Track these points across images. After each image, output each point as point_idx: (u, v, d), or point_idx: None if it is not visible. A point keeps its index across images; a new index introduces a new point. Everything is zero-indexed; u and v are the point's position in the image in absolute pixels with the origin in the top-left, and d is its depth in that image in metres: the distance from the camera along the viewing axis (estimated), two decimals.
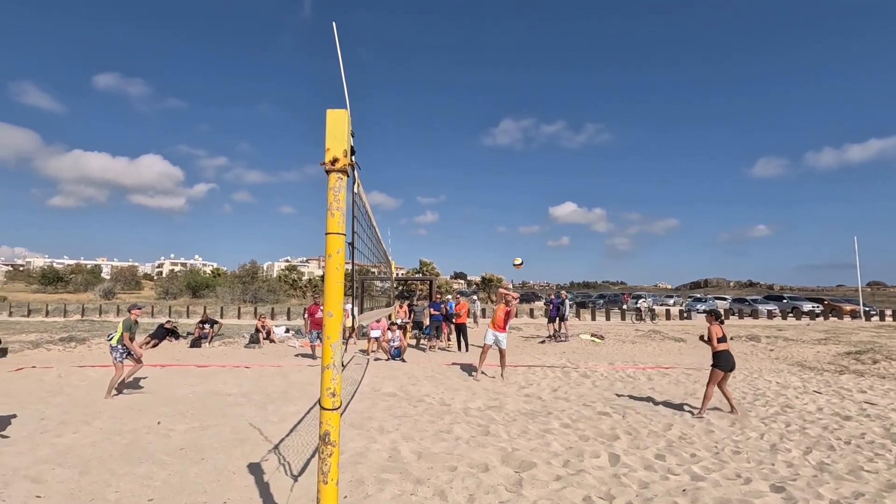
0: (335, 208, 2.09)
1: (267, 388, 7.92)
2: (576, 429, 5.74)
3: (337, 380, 2.07)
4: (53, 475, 4.15)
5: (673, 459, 4.69)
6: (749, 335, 16.45)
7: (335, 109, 2.12)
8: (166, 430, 5.58)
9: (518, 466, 4.38)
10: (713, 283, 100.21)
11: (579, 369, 10.17)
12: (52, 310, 27.50)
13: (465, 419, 6.06)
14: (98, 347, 13.10)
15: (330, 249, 2.07)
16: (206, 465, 4.34)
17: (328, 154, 2.10)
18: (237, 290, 35.96)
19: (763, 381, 8.90)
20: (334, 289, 2.07)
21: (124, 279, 52.31)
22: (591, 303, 38.32)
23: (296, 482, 3.88)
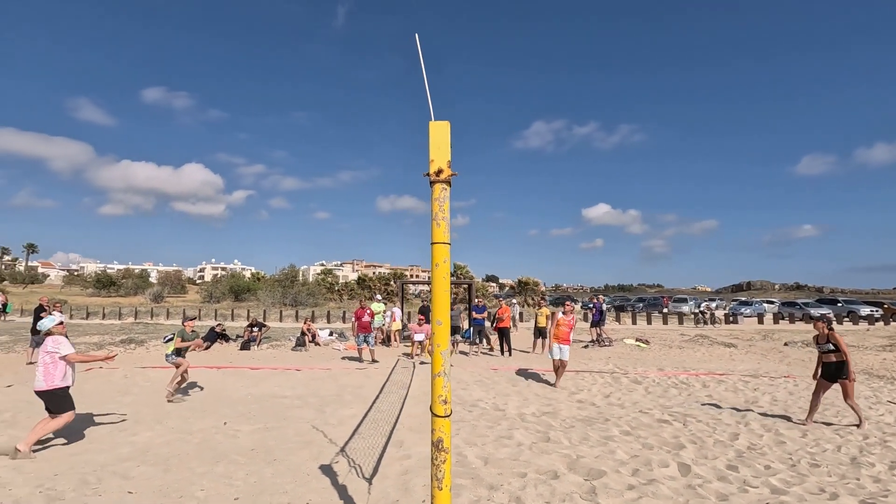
0: (441, 218, 2.12)
1: (320, 391, 8.09)
2: (637, 436, 5.62)
3: (448, 387, 2.10)
4: (139, 472, 4.37)
5: (747, 471, 4.53)
6: (805, 341, 15.70)
7: (438, 122, 2.16)
8: (233, 430, 5.78)
9: (587, 474, 4.33)
10: (757, 286, 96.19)
11: (629, 375, 9.95)
12: (108, 312, 28.95)
13: (522, 425, 6.03)
14: (155, 349, 13.70)
15: (437, 259, 2.11)
16: (280, 465, 4.47)
17: (433, 165, 2.14)
18: (277, 294, 36.94)
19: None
20: (442, 297, 2.11)
21: (171, 283, 54.65)
22: (630, 306, 37.45)
23: (370, 485, 3.95)
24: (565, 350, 8.57)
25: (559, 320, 8.69)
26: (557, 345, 8.57)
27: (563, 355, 8.56)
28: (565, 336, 8.58)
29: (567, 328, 8.63)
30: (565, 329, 8.61)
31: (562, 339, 8.57)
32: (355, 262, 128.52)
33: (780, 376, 9.84)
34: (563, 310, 8.86)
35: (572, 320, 8.81)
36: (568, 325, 8.66)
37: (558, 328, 8.62)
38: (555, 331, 8.67)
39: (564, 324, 8.64)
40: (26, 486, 4.01)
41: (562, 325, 8.63)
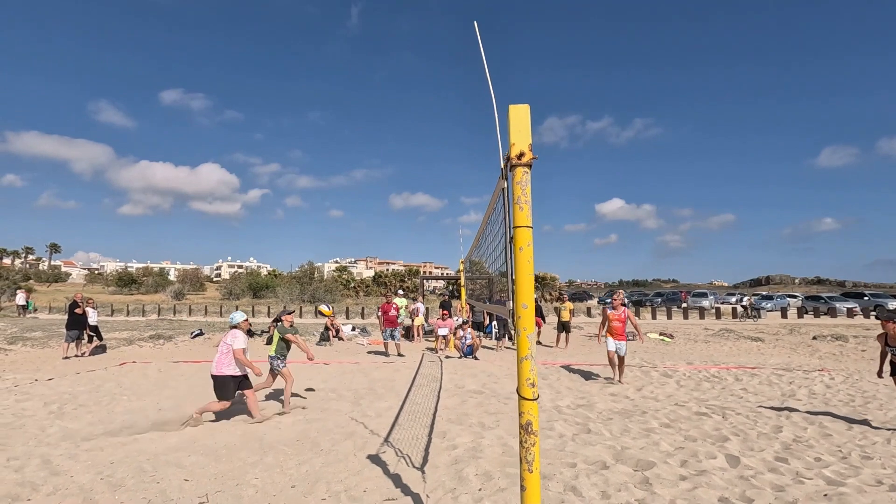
0: (523, 202, 2.12)
1: (352, 385, 8.16)
2: (678, 429, 5.57)
3: (535, 370, 2.10)
4: (191, 461, 4.45)
5: (797, 463, 4.46)
6: (834, 335, 15.40)
7: (518, 105, 2.16)
8: (275, 422, 5.85)
9: (636, 465, 4.30)
10: (776, 280, 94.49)
11: (658, 369, 9.87)
12: (132, 310, 29.50)
13: (560, 417, 6.02)
14: (183, 344, 13.95)
15: (521, 242, 2.11)
16: (328, 456, 4.52)
17: (514, 149, 2.13)
18: (296, 291, 37.30)
19: (867, 383, 8.31)
20: (526, 281, 2.11)
21: (190, 281, 55.47)
22: (648, 301, 37.10)
23: (423, 473, 3.98)
24: (622, 346, 8.18)
25: (609, 315, 8.31)
26: (612, 339, 8.19)
27: (620, 351, 8.17)
28: (620, 331, 8.19)
29: (619, 322, 8.23)
30: (618, 324, 8.21)
31: (617, 335, 8.18)
32: (369, 259, 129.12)
33: (813, 370, 9.68)
34: (612, 304, 8.45)
35: (623, 314, 8.35)
36: (619, 319, 8.25)
37: (611, 323, 8.24)
38: (608, 327, 8.27)
39: (615, 318, 8.25)
40: (86, 473, 4.11)
41: (613, 319, 8.26)
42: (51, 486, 3.81)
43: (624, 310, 8.41)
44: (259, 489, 3.73)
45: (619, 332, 8.21)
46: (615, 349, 8.17)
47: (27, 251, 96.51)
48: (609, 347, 8.19)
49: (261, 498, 3.56)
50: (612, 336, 8.23)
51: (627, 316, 8.39)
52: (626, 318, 8.35)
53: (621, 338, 8.20)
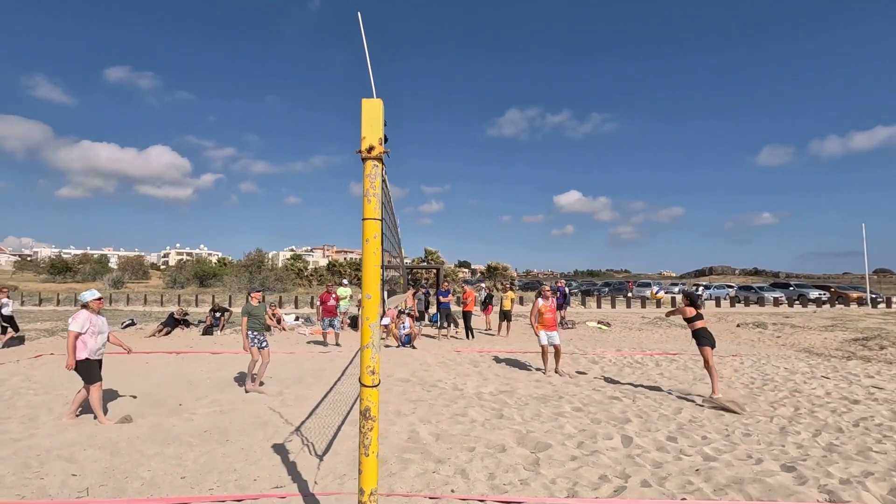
0: (371, 194, 2.16)
1: (282, 375, 8.07)
2: (588, 412, 5.85)
3: (376, 358, 2.16)
4: (85, 455, 4.30)
5: (685, 441, 4.80)
6: (756, 322, 16.51)
7: (370, 99, 2.19)
8: (189, 413, 5.73)
9: (534, 447, 4.50)
10: (718, 271, 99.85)
11: (587, 355, 10.28)
12: (63, 299, 27.83)
13: (478, 403, 6.19)
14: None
15: (367, 234, 2.15)
16: (232, 446, 4.48)
17: (364, 142, 2.17)
18: (244, 279, 36.23)
19: (771, 366, 8.98)
20: (372, 272, 2.15)
21: (132, 269, 52.76)
22: (596, 291, 38.38)
23: (321, 461, 4.01)
24: (554, 335, 8.26)
25: (540, 307, 8.33)
26: (545, 332, 8.23)
27: (554, 340, 8.25)
28: (551, 322, 8.27)
29: (550, 313, 8.32)
30: (549, 315, 8.30)
31: (548, 326, 8.25)
32: (326, 248, 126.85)
33: (728, 355, 10.34)
34: (542, 295, 8.51)
35: (552, 304, 8.44)
36: (550, 310, 8.35)
37: (541, 315, 8.28)
38: (539, 319, 8.30)
39: (547, 310, 8.32)
40: None
41: (544, 311, 8.31)
42: None
43: (553, 300, 8.56)
44: (147, 481, 3.66)
45: (550, 322, 8.29)
46: (548, 342, 8.23)
47: None
48: (542, 341, 8.22)
49: (145, 489, 3.50)
50: (543, 328, 8.27)
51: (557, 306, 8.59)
52: (556, 308, 8.53)
53: (552, 328, 8.31)
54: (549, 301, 8.46)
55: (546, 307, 8.37)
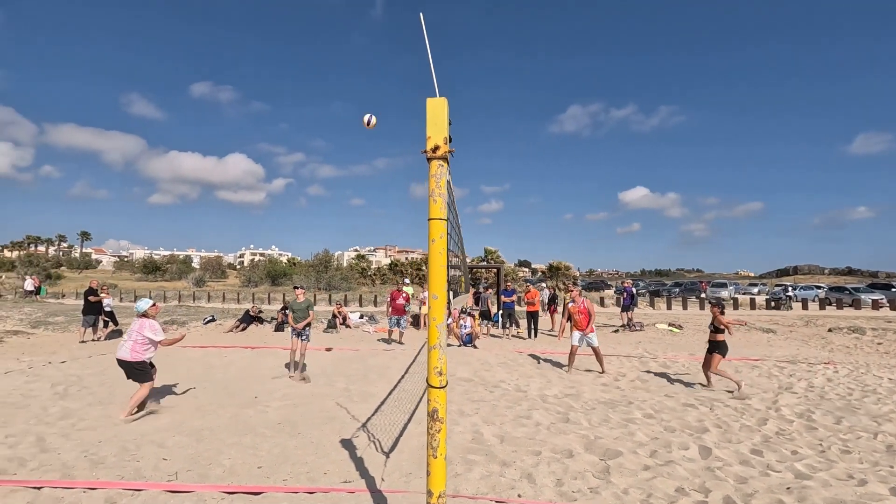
0: (437, 194, 2.15)
1: (348, 371, 8.33)
2: (660, 419, 5.55)
3: (443, 359, 2.15)
4: (174, 441, 4.65)
5: (772, 455, 4.41)
6: (851, 327, 14.95)
7: (435, 98, 2.17)
8: (263, 406, 6.04)
9: (603, 454, 4.32)
10: (804, 270, 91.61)
11: (658, 359, 9.77)
12: (154, 296, 30.43)
13: (542, 406, 6.05)
14: (195, 330, 14.37)
15: (433, 234, 2.14)
16: (303, 439, 4.67)
17: (429, 142, 2.16)
18: (312, 279, 37.89)
19: (872, 377, 8.08)
20: (439, 273, 2.14)
21: (212, 268, 56.90)
22: (665, 291, 36.53)
23: (388, 458, 4.08)
24: (591, 337, 8.08)
25: (570, 309, 8.21)
26: (578, 333, 8.14)
27: (591, 342, 8.07)
28: (584, 323, 8.07)
29: (580, 315, 8.10)
30: (579, 316, 8.10)
31: (581, 328, 8.09)
32: (388, 248, 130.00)
33: (819, 363, 9.44)
34: (571, 297, 8.30)
35: (583, 305, 8.19)
36: (580, 311, 8.13)
37: (574, 316, 8.14)
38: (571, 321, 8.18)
39: (576, 311, 8.14)
40: (73, 451, 4.34)
41: (573, 313, 8.16)
42: (37, 462, 4.04)
43: (583, 301, 8.32)
44: (227, 469, 3.89)
45: (582, 324, 8.14)
46: (579, 343, 8.18)
47: (60, 239, 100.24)
48: (573, 342, 8.22)
49: (226, 476, 3.72)
50: (576, 329, 8.22)
51: (587, 307, 8.22)
52: (588, 310, 8.20)
53: (585, 329, 8.13)
54: (577, 303, 8.29)
55: (575, 308, 8.24)
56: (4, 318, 14.93)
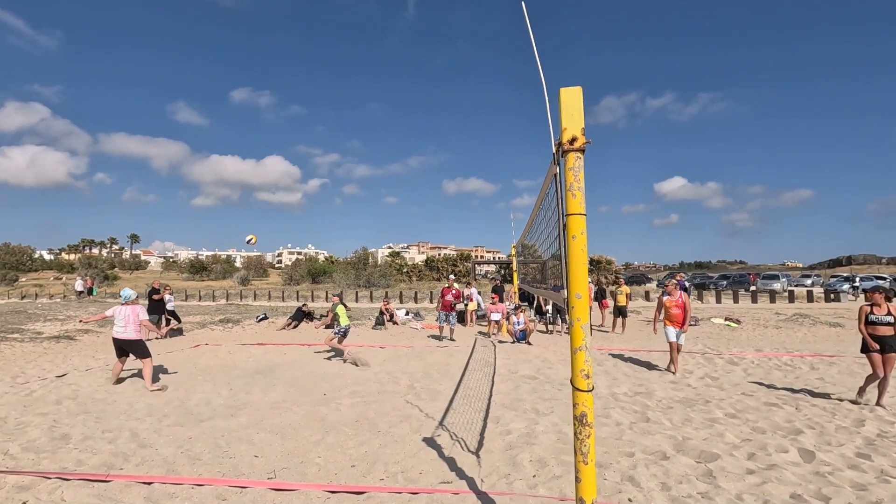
0: (576, 188, 2.06)
1: (408, 368, 8.35)
2: (744, 419, 5.30)
3: (590, 361, 2.06)
4: (259, 438, 4.74)
5: (883, 460, 4.13)
6: None
7: (569, 88, 2.08)
8: (335, 403, 6.11)
9: (698, 456, 4.14)
10: (860, 260, 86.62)
11: (723, 356, 9.39)
12: (203, 295, 31.60)
13: (616, 404, 5.88)
14: (250, 328, 14.80)
15: (573, 230, 2.05)
16: (386, 437, 4.68)
17: (566, 133, 2.07)
18: (351, 276, 38.49)
19: None
20: (580, 270, 2.05)
21: (254, 268, 58.66)
22: (712, 284, 35.25)
23: (479, 458, 4.03)
24: (681, 334, 7.77)
25: (665, 302, 7.90)
26: (672, 328, 7.78)
27: (680, 339, 7.77)
28: (680, 318, 7.74)
29: (678, 309, 7.76)
30: (676, 311, 7.76)
31: (676, 322, 7.75)
32: (421, 245, 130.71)
33: None
34: (667, 289, 8.00)
35: (680, 300, 7.85)
36: (677, 305, 7.79)
37: (668, 311, 7.83)
38: (666, 314, 7.86)
39: (673, 305, 7.81)
40: (169, 446, 4.49)
41: (671, 307, 7.82)
42: (139, 458, 4.20)
43: (681, 295, 7.94)
44: (321, 467, 3.93)
45: (678, 319, 7.77)
46: (676, 338, 7.77)
47: (111, 242, 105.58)
48: (669, 338, 7.79)
49: (323, 475, 3.75)
50: (671, 324, 7.83)
51: (685, 302, 7.86)
52: (685, 304, 7.87)
53: (680, 325, 7.77)
54: (674, 297, 7.89)
55: (672, 302, 7.85)
56: (73, 318, 15.76)
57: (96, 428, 5.08)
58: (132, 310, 7.08)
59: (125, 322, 6.97)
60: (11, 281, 50.35)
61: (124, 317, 7.00)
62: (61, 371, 8.31)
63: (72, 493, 3.44)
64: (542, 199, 3.66)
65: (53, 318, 15.44)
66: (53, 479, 3.68)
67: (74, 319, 15.62)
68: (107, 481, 3.64)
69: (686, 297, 7.98)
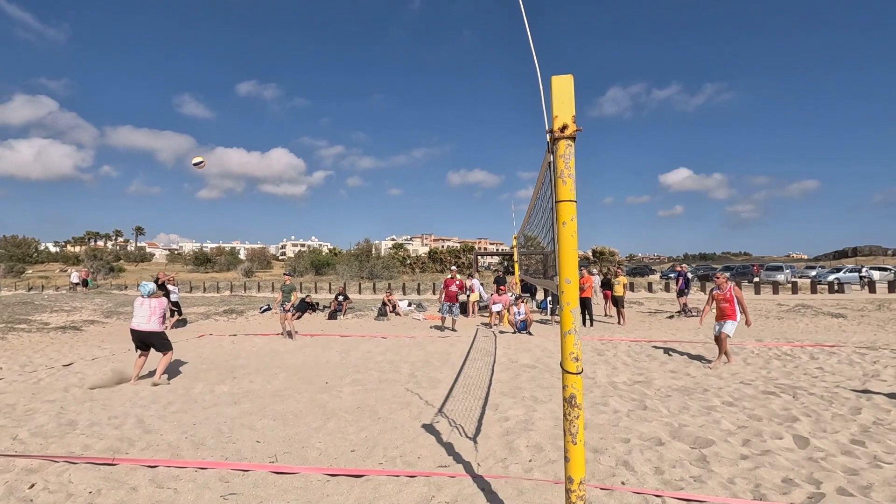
0: (566, 175, 2.09)
1: (409, 357, 8.44)
2: (741, 407, 5.34)
3: (579, 345, 2.11)
4: (262, 424, 4.83)
5: (877, 446, 4.17)
6: None
7: (561, 76, 2.10)
8: (336, 391, 6.20)
9: (693, 442, 4.20)
10: (865, 252, 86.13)
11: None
12: (208, 286, 31.83)
13: (615, 393, 5.94)
14: (253, 318, 14.93)
15: (564, 217, 2.09)
16: (385, 423, 4.76)
17: (556, 121, 2.10)
18: (354, 268, 38.64)
19: None
20: (570, 256, 2.09)
21: (258, 259, 58.92)
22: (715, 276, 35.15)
23: (476, 444, 4.11)
24: (726, 326, 7.56)
25: (715, 295, 7.76)
26: (718, 322, 7.68)
27: (729, 330, 7.56)
28: (730, 312, 7.55)
29: (726, 303, 7.59)
30: (724, 305, 7.61)
31: (725, 316, 7.58)
32: (424, 237, 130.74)
33: (888, 349, 8.87)
34: (716, 283, 7.84)
35: (729, 293, 7.64)
36: (726, 298, 7.62)
37: (718, 304, 7.69)
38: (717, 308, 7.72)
39: (721, 299, 7.68)
40: (173, 432, 4.59)
41: (719, 300, 7.70)
42: (145, 443, 4.30)
43: (731, 287, 7.75)
44: (322, 452, 4.01)
45: (727, 312, 7.59)
46: (718, 331, 7.66)
47: (117, 234, 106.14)
48: (716, 331, 7.70)
49: (324, 460, 3.83)
50: (720, 318, 7.69)
51: (735, 295, 7.64)
52: (734, 297, 7.63)
53: (726, 318, 7.60)
54: (723, 290, 7.72)
55: (720, 296, 7.72)
56: (80, 309, 15.93)
57: (102, 414, 5.19)
58: (158, 302, 6.97)
59: (150, 313, 6.86)
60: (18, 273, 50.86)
61: (150, 308, 6.87)
62: (68, 360, 8.44)
63: (79, 476, 3.53)
64: (539, 188, 3.69)
65: (59, 309, 15.61)
66: (61, 463, 3.78)
67: (80, 311, 15.79)
68: (113, 464, 3.73)
69: (738, 290, 7.76)
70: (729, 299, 7.64)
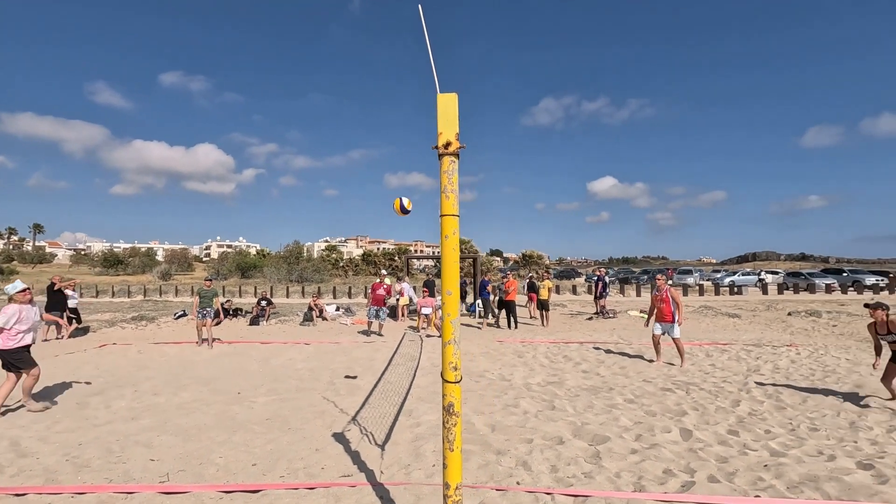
0: (450, 191, 2.16)
1: (331, 364, 8.28)
2: (641, 404, 5.75)
3: (458, 354, 2.18)
4: (160, 441, 4.54)
5: (747, 435, 4.66)
6: (808, 310, 15.79)
7: (446, 94, 2.17)
8: (249, 401, 5.95)
9: (591, 440, 4.47)
10: (762, 257, 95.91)
11: (633, 346, 10.09)
12: (118, 291, 29.32)
13: (528, 394, 6.18)
14: (166, 325, 13.95)
15: (446, 230, 2.16)
16: (295, 434, 4.64)
17: (441, 138, 2.16)
18: (283, 271, 37.23)
19: (831, 357, 8.58)
20: (451, 268, 2.16)
21: (178, 261, 55.10)
22: (634, 279, 37.55)
23: (383, 451, 4.11)
24: (668, 327, 7.94)
25: (652, 298, 8.18)
26: (658, 322, 8.05)
27: (670, 332, 7.93)
28: (665, 313, 7.93)
29: (664, 304, 7.96)
30: (661, 306, 8.00)
31: (663, 318, 7.96)
32: (359, 238, 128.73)
33: (782, 345, 9.95)
34: (657, 286, 8.23)
35: (666, 294, 8.01)
36: (663, 300, 8.00)
37: (658, 306, 8.04)
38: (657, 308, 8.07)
39: (658, 300, 8.08)
40: (54, 454, 4.19)
41: (657, 301, 8.08)
42: (16, 468, 3.88)
43: (667, 290, 8.17)
44: (221, 467, 3.84)
45: (665, 312, 7.98)
46: (660, 332, 8.07)
47: (10, 232, 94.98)
48: (655, 331, 8.11)
49: (221, 476, 3.67)
50: (658, 319, 8.09)
51: (671, 296, 8.06)
52: (671, 299, 8.05)
53: (665, 319, 8.00)
54: (662, 293, 8.11)
55: (659, 298, 8.11)
56: None
57: None
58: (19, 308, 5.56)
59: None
60: None
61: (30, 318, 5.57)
62: None
63: None
64: None
65: None
66: None
67: None
68: None
69: (675, 292, 8.16)
70: (666, 300, 8.12)
